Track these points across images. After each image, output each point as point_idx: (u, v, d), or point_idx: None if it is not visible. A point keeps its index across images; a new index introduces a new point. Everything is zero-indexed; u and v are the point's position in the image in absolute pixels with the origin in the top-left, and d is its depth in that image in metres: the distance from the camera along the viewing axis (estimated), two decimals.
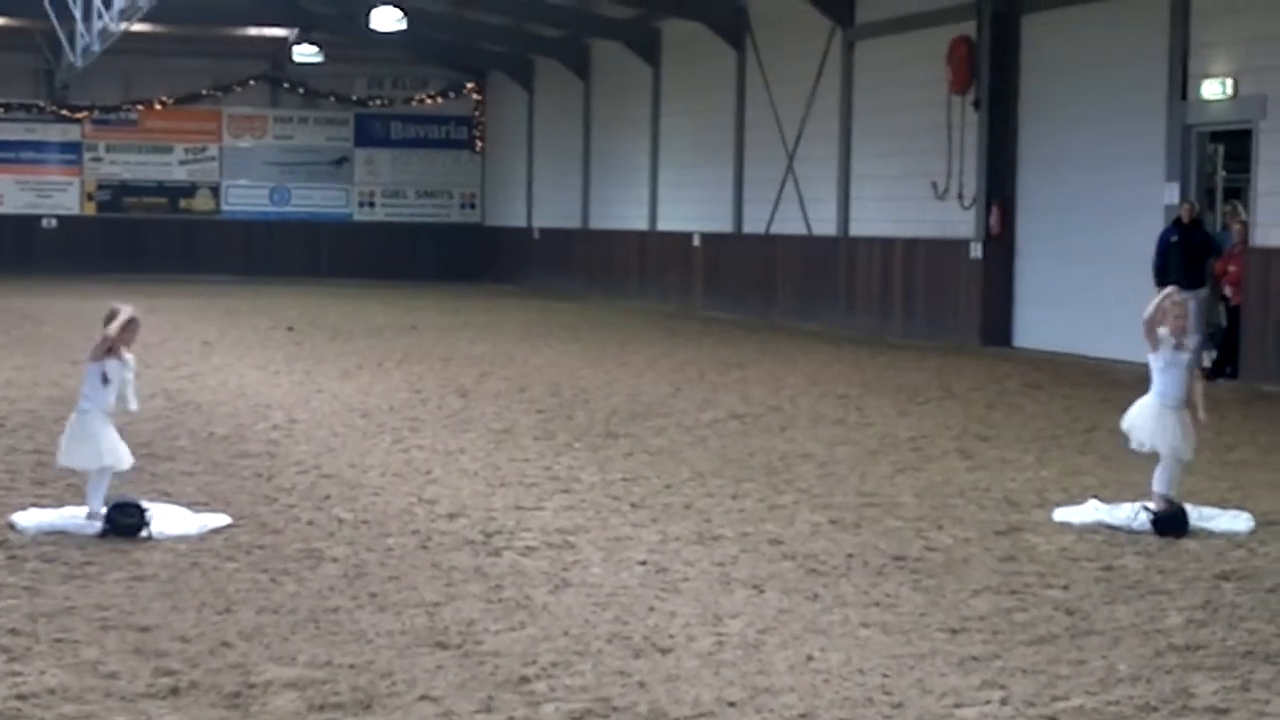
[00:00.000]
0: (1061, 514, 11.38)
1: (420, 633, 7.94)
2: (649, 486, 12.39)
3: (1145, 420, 11.36)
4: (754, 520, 11.09)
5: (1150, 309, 11.40)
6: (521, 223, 44.41)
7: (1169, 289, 12.01)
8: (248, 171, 45.93)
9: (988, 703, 6.98)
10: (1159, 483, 11.18)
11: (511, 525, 10.71)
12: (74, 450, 10.49)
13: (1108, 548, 10.41)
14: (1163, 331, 11.28)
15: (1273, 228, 21.12)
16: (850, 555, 9.98)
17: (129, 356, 10.61)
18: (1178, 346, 11.31)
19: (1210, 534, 10.81)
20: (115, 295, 11.24)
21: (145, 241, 44.64)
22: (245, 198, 46.05)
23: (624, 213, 38.53)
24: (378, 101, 46.37)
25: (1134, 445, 11.49)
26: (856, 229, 29.66)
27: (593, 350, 24.32)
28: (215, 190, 45.83)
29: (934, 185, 27.26)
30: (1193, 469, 12.08)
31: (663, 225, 36.90)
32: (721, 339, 27.33)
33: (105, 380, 10.42)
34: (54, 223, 44.64)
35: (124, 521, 10.00)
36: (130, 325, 10.54)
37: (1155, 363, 11.35)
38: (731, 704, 6.88)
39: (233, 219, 45.90)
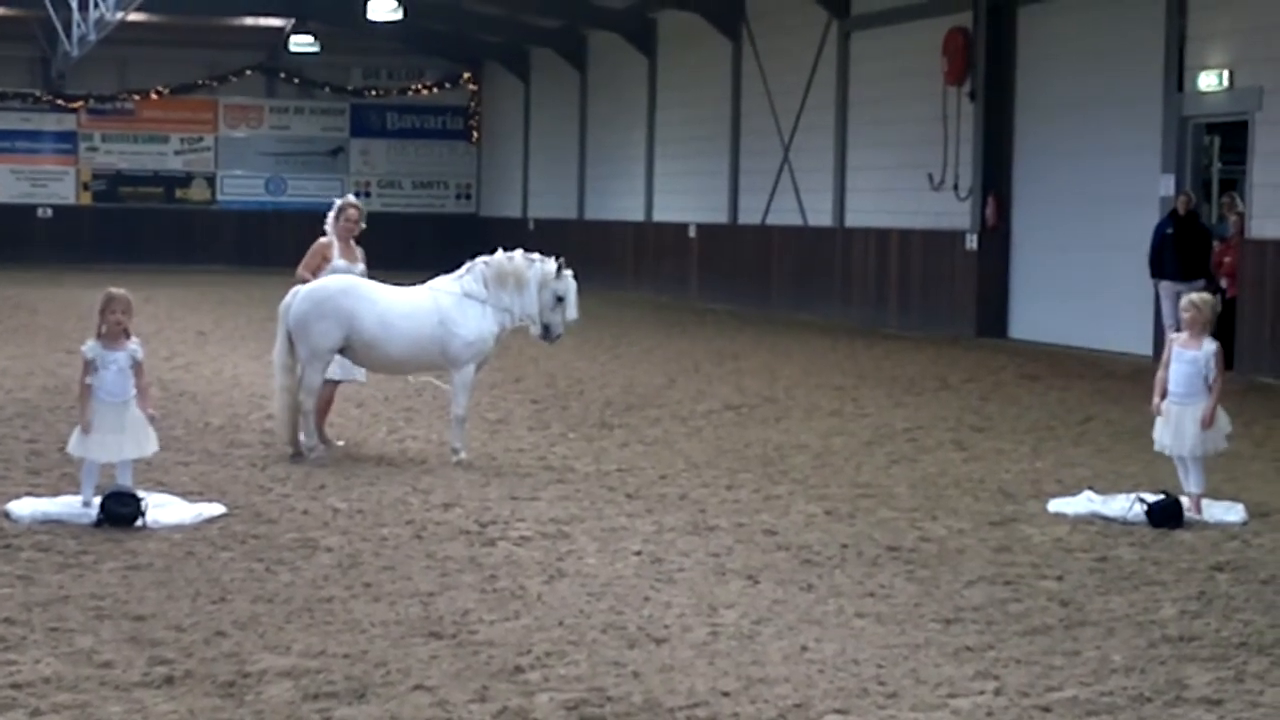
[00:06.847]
0: (1056, 505, 11.39)
1: (415, 622, 7.95)
2: (644, 477, 12.40)
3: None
4: (749, 511, 11.09)
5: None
6: (517, 213, 44.35)
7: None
8: (243, 162, 45.85)
9: (981, 693, 6.99)
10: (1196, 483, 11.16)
11: (506, 515, 10.72)
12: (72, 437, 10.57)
13: (1102, 539, 10.42)
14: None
15: (1269, 219, 21.11)
16: (845, 546, 9.99)
17: (132, 343, 10.53)
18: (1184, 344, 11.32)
19: (1205, 525, 10.82)
20: (110, 285, 11.16)
21: (141, 231, 44.53)
22: (241, 188, 45.98)
23: (620, 204, 38.49)
24: (373, 92, 46.31)
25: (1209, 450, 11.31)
26: (852, 220, 29.65)
27: (588, 341, 24.28)
28: (211, 180, 45.75)
29: (930, 177, 27.24)
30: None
31: (658, 216, 36.87)
32: (717, 330, 27.32)
33: (95, 368, 10.40)
34: (49, 212, 44.54)
35: (119, 511, 10.00)
36: (106, 308, 10.49)
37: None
38: (726, 694, 6.89)
39: (228, 209, 45.82)
